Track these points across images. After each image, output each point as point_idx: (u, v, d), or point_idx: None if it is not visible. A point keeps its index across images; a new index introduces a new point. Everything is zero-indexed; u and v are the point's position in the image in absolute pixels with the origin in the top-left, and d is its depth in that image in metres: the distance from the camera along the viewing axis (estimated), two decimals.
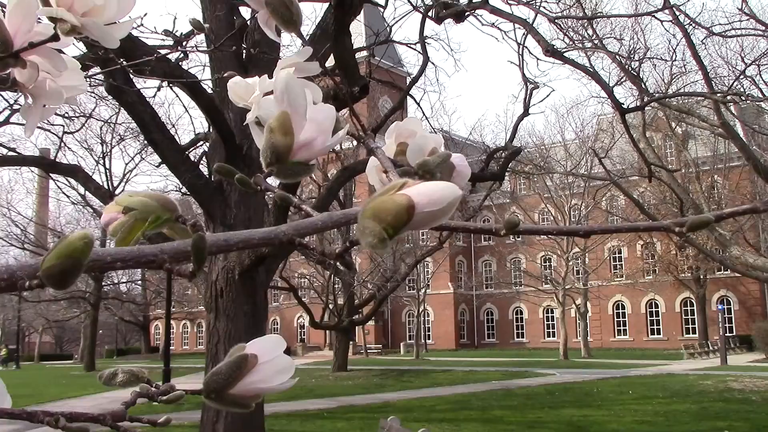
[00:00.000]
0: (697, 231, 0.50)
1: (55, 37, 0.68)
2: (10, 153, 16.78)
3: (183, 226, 0.59)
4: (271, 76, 0.83)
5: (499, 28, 14.50)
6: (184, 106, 46.52)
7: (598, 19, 19.03)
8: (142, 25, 2.90)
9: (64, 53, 0.81)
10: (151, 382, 0.57)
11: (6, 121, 16.66)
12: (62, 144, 23.96)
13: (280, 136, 0.60)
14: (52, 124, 22.37)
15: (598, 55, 20.67)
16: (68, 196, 39.22)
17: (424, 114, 18.92)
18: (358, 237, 0.51)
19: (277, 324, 62.25)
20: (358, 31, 19.53)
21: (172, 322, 58.10)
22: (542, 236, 46.76)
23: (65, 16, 0.65)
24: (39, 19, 0.74)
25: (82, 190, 32.00)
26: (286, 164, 0.61)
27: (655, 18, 15.47)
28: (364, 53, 18.24)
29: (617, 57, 17.77)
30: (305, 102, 0.61)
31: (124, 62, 4.96)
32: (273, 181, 0.69)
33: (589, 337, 44.85)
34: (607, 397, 18.82)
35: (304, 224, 0.53)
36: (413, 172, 0.63)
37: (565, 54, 12.49)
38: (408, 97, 17.26)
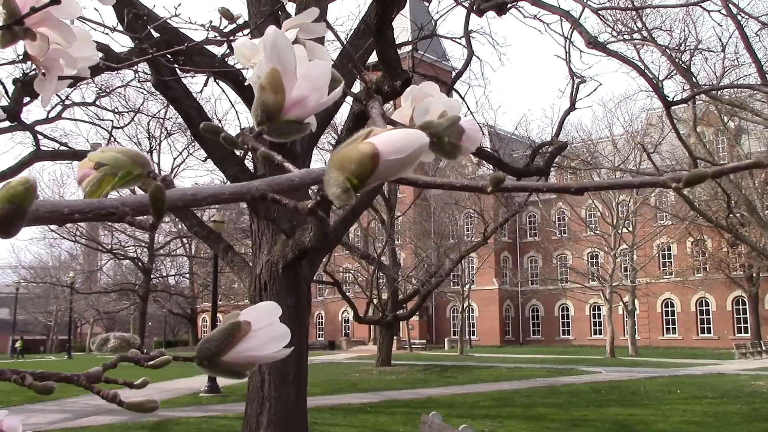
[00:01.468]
0: (693, 186, 0.48)
1: (55, 1, 0.68)
2: (62, 147, 17.17)
3: (154, 181, 0.57)
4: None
5: (541, 20, 14.32)
6: (230, 101, 47.04)
7: (648, 12, 18.68)
8: (177, 15, 2.93)
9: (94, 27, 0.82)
10: (141, 349, 0.57)
11: (58, 116, 17.05)
12: (112, 139, 24.41)
13: (271, 93, 0.58)
14: (102, 119, 22.84)
15: (647, 47, 20.29)
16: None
17: (468, 108, 18.81)
18: (325, 189, 0.50)
19: (322, 318, 62.64)
20: (403, 25, 19.53)
21: (218, 314, 58.92)
22: (589, 233, 46.25)
23: None
24: None
25: None
26: (277, 123, 0.59)
27: (705, 10, 15.10)
28: (408, 48, 18.22)
29: (667, 50, 17.40)
30: (294, 58, 0.59)
31: (169, 55, 5.04)
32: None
33: (636, 335, 44.15)
34: (655, 397, 18.50)
35: (279, 179, 0.52)
36: None
37: (609, 46, 12.28)
38: (452, 91, 17.16)
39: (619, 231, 41.32)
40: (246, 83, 0.73)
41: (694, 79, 17.48)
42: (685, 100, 14.24)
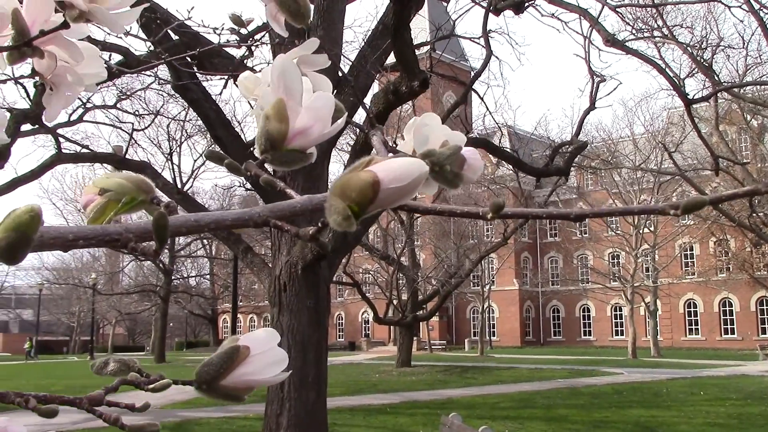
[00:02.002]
0: (691, 213, 0.46)
1: (65, 25, 0.68)
2: (84, 150, 17.33)
3: (158, 207, 0.57)
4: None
5: (559, 19, 14.24)
6: (250, 104, 47.21)
7: (669, 10, 18.51)
8: (190, 18, 2.93)
9: (107, 44, 0.81)
10: (141, 372, 0.57)
11: (79, 119, 17.21)
12: (132, 141, 24.62)
13: (275, 122, 0.59)
14: (123, 122, 23.02)
15: (668, 45, 20.11)
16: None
17: (487, 108, 18.73)
18: (327, 216, 0.50)
19: (342, 319, 62.76)
20: (421, 26, 19.51)
21: (239, 315, 59.29)
22: (610, 233, 45.95)
23: (74, 1, 0.65)
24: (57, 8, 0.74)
25: None
26: (281, 151, 0.60)
27: (727, 6, 14.93)
28: (426, 48, 18.20)
29: (687, 48, 17.24)
30: (301, 88, 0.60)
31: (188, 53, 5.05)
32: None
33: (659, 336, 43.79)
34: (677, 398, 18.33)
35: (282, 206, 0.52)
36: None
37: (629, 44, 12.18)
38: (471, 91, 17.11)
39: (641, 231, 41.02)
40: (251, 115, 0.74)
41: (715, 77, 17.31)
42: (706, 98, 14.11)
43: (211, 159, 0.62)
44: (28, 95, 12.07)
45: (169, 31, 7.08)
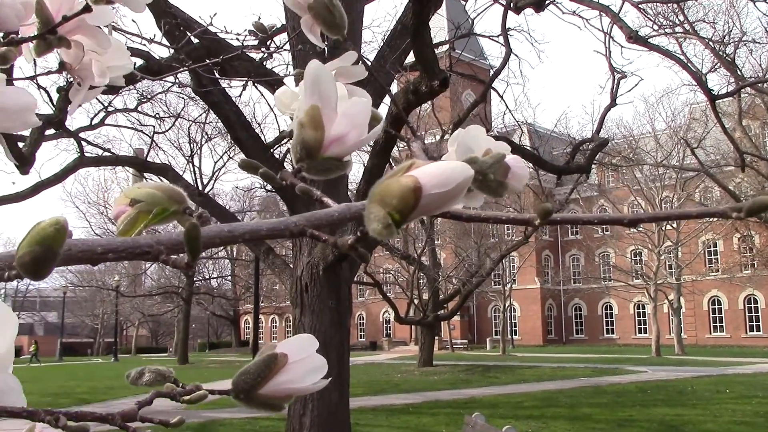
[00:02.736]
0: (756, 215, 0.44)
1: (87, 8, 0.68)
2: (106, 153, 17.47)
3: (190, 218, 0.56)
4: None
5: (580, 16, 14.15)
6: (269, 105, 47.39)
7: (690, 5, 18.32)
8: (211, 24, 2.94)
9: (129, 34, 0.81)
10: (177, 382, 0.55)
11: (101, 123, 17.34)
12: (153, 144, 24.77)
13: (310, 130, 0.57)
14: (144, 125, 23.18)
15: (689, 41, 19.91)
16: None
17: (507, 107, 18.66)
18: (366, 224, 0.48)
19: (363, 319, 62.78)
20: (440, 25, 19.46)
21: (260, 316, 59.54)
22: (631, 230, 45.58)
23: None
24: None
25: None
26: (317, 160, 0.58)
27: (750, 0, 14.75)
28: (446, 47, 18.15)
29: (710, 43, 17.05)
30: (336, 95, 0.58)
31: (209, 61, 5.08)
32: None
33: (683, 334, 43.38)
34: (703, 396, 18.14)
35: (319, 215, 0.50)
36: None
37: (650, 40, 12.07)
38: (491, 90, 17.05)
39: (663, 228, 40.64)
40: (288, 130, 0.72)
41: (738, 72, 17.11)
42: (730, 94, 13.95)
43: (245, 168, 0.61)
44: (51, 100, 12.18)
45: (191, 37, 7.11)
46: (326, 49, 11.40)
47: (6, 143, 0.74)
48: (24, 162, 9.72)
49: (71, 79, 0.79)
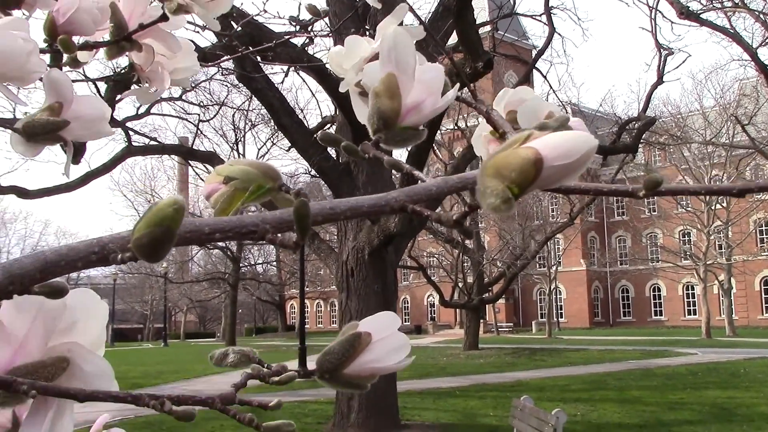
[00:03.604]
0: None
1: (163, 17, 0.68)
2: (152, 142, 17.73)
3: (287, 195, 0.55)
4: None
5: None
6: (311, 91, 47.60)
7: None
8: (265, 11, 2.95)
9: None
10: (262, 363, 0.55)
11: (147, 112, 17.60)
12: (199, 132, 25.09)
13: (387, 99, 0.55)
14: (189, 113, 23.45)
15: (739, 14, 19.37)
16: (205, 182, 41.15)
17: (551, 87, 18.44)
18: (478, 199, 0.46)
19: (408, 303, 62.92)
20: (481, 5, 19.25)
21: (306, 301, 60.00)
22: (680, 210, 44.80)
23: None
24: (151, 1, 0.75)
25: None
26: (394, 130, 0.56)
27: None
28: (488, 28, 17.96)
29: (760, 15, 16.57)
30: (414, 61, 0.56)
31: (251, 48, 5.10)
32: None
33: (734, 315, 42.55)
34: (756, 378, 17.78)
35: (417, 189, 0.49)
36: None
37: (702, 15, 11.76)
38: (534, 70, 16.85)
39: (713, 207, 39.84)
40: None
41: None
42: None
43: (326, 142, 0.60)
44: (99, 93, 12.39)
45: (233, 23, 7.15)
46: (367, 33, 11.37)
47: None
48: (76, 152, 9.92)
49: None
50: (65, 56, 0.72)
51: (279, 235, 0.47)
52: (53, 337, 0.50)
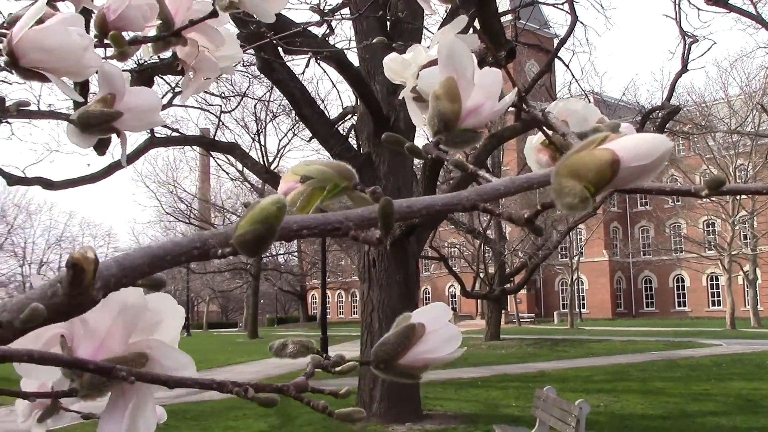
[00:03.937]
0: None
1: (214, 14, 0.69)
2: (174, 133, 17.82)
3: (362, 193, 0.58)
4: (415, 44, 0.80)
5: None
6: (332, 81, 47.52)
7: None
8: None
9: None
10: (320, 353, 0.57)
11: (169, 104, 17.68)
12: (220, 123, 25.20)
13: (447, 102, 0.59)
14: (210, 105, 23.55)
15: (766, 1, 19.09)
16: (227, 173, 41.43)
17: (573, 76, 18.32)
18: (553, 198, 0.47)
19: (429, 293, 62.98)
20: None
21: (327, 291, 60.25)
22: (704, 200, 44.31)
23: None
24: None
25: (239, 166, 33.67)
26: (454, 132, 0.59)
27: None
28: (509, 17, 17.85)
29: None
30: (472, 66, 0.59)
31: (273, 38, 5.10)
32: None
33: (759, 306, 42.13)
34: None
35: (487, 189, 0.51)
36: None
37: (729, 1, 11.60)
38: (556, 59, 16.73)
39: (738, 197, 39.40)
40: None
41: None
42: None
43: (390, 143, 0.63)
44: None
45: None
46: (388, 23, 11.32)
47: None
48: (101, 144, 9.99)
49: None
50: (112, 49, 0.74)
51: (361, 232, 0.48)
52: (134, 334, 0.53)
